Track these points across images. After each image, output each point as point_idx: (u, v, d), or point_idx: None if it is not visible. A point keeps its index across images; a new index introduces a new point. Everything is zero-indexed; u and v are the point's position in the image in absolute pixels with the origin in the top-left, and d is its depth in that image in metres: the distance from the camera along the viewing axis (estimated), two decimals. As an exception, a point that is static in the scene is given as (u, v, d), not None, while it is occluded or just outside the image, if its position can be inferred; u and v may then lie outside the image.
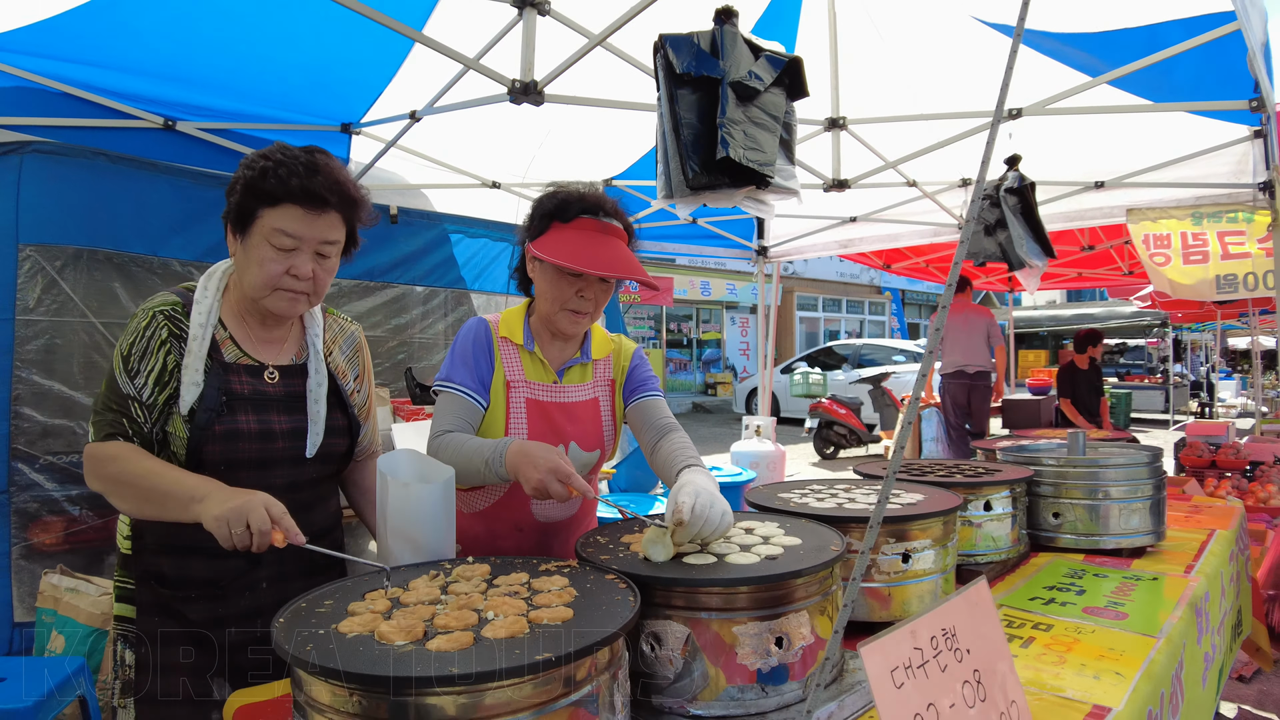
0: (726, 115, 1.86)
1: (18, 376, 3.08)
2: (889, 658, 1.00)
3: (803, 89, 2.11)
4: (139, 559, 1.66)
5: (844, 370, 16.28)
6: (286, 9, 2.70)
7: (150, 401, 1.60)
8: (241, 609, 1.63)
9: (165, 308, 1.63)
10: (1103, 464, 2.50)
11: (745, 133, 1.88)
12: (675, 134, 1.90)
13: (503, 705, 0.92)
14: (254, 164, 1.59)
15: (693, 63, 1.92)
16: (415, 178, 4.38)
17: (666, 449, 1.85)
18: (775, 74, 1.99)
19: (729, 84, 1.89)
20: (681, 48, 1.94)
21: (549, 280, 1.85)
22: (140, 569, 1.66)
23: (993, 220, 3.43)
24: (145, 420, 1.59)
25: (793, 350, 22.59)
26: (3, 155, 3.01)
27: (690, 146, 1.90)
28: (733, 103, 1.89)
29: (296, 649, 0.97)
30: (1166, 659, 1.68)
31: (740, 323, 22.99)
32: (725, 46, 1.93)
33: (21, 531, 3.11)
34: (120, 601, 1.70)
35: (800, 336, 23.95)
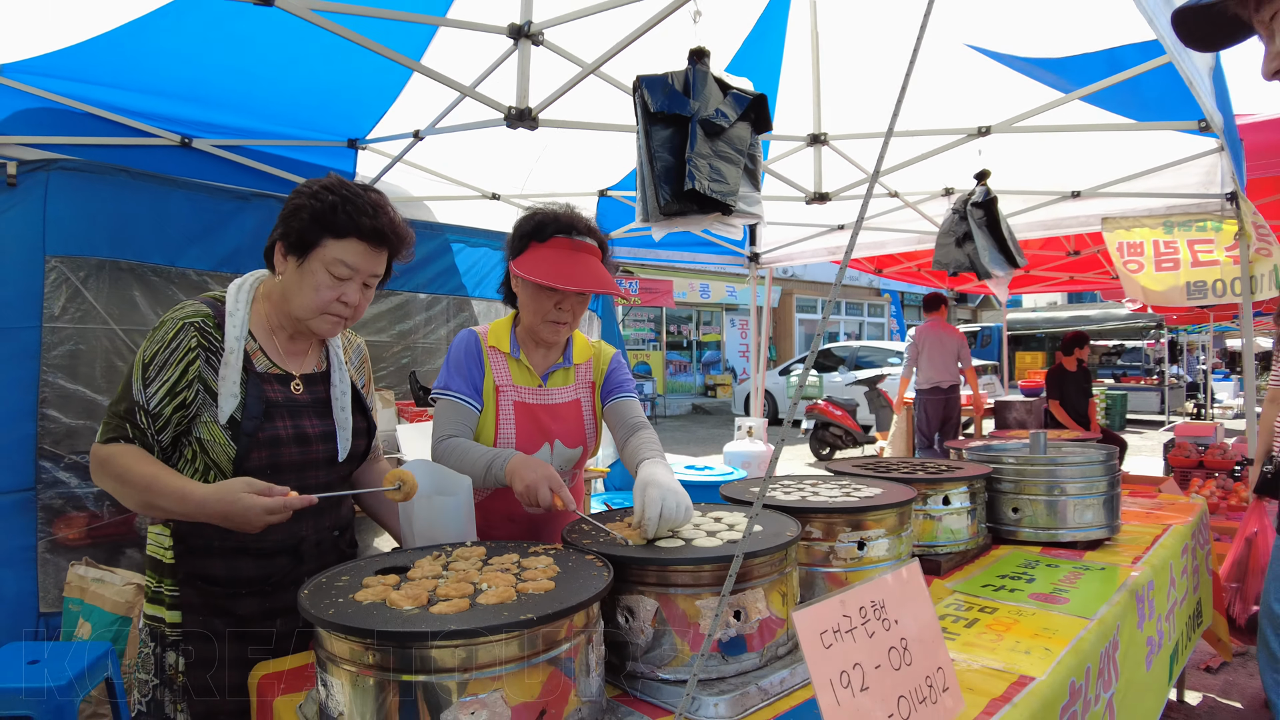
0: (694, 150, 2.06)
1: (44, 380, 3.27)
2: (819, 622, 1.18)
3: (767, 123, 2.31)
4: (184, 563, 1.70)
5: (840, 372, 16.44)
6: (295, 36, 2.87)
7: (156, 411, 1.65)
8: (288, 602, 1.70)
9: (196, 319, 1.68)
10: (1059, 462, 2.67)
11: (711, 165, 2.08)
12: (649, 166, 2.10)
13: (493, 659, 1.11)
14: (322, 196, 1.69)
15: (665, 101, 2.12)
16: (419, 190, 4.56)
17: (634, 444, 2.05)
18: (741, 110, 2.20)
19: (698, 121, 2.10)
20: (655, 88, 2.14)
21: (530, 295, 2.04)
22: (185, 572, 1.70)
23: (962, 233, 3.62)
24: (148, 428, 1.66)
25: (792, 352, 22.74)
26: (30, 172, 3.19)
27: (662, 177, 2.10)
28: (701, 138, 2.09)
29: (320, 612, 1.16)
30: (1096, 638, 1.84)
31: (740, 325, 23.13)
32: (697, 85, 2.13)
33: (47, 526, 3.29)
34: (164, 607, 1.72)
35: (799, 338, 24.10)
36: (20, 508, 3.23)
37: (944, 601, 2.07)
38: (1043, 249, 8.32)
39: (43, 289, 3.25)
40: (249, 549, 1.70)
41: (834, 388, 15.20)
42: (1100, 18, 3.10)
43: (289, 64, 3.18)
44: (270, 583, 1.74)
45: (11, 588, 3.21)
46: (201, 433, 1.68)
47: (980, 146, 3.86)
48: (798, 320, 24.20)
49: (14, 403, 3.21)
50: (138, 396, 1.65)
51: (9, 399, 3.20)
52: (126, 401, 1.66)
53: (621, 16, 2.51)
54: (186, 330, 1.67)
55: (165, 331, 1.67)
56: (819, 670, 1.13)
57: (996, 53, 3.54)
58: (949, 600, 2.08)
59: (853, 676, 1.18)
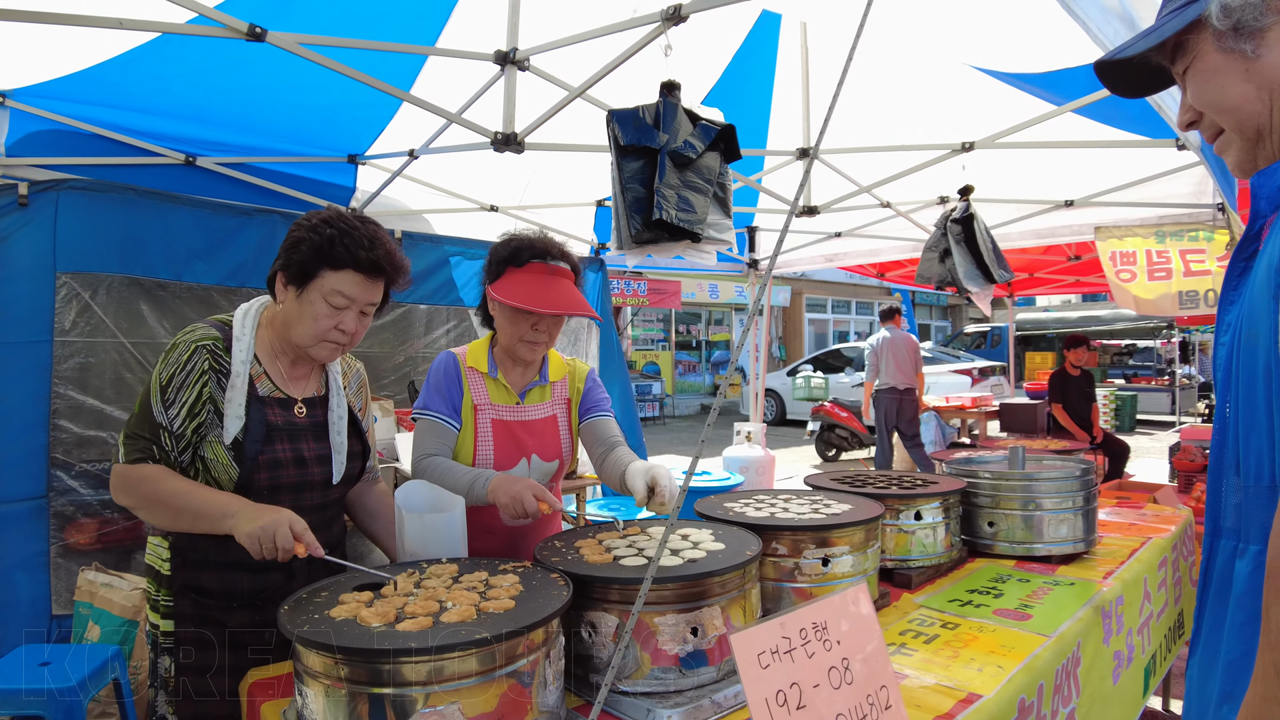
0: (663, 181, 2.15)
1: (56, 392, 3.40)
2: (756, 644, 1.26)
3: (735, 152, 2.39)
4: (180, 575, 1.80)
5: (847, 373, 16.42)
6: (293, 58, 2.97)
7: (180, 432, 1.75)
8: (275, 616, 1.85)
9: (207, 342, 1.78)
10: (1034, 478, 2.72)
11: (679, 195, 2.17)
12: (622, 196, 2.19)
13: (452, 674, 1.20)
14: (320, 230, 1.77)
15: (635, 135, 2.22)
16: (418, 204, 4.66)
17: (613, 458, 2.16)
18: (709, 141, 2.29)
19: (666, 152, 2.18)
20: (626, 122, 2.24)
21: (507, 317, 2.13)
22: (180, 584, 1.80)
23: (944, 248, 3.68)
24: (173, 449, 1.75)
25: (802, 351, 22.74)
26: (41, 192, 3.32)
27: (633, 207, 2.20)
28: (669, 169, 2.18)
29: (295, 628, 1.25)
30: (1053, 655, 1.89)
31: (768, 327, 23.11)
32: (666, 117, 2.22)
33: (59, 532, 3.42)
34: (162, 617, 1.83)
35: (809, 338, 24.08)
36: (33, 514, 3.36)
37: (909, 616, 2.13)
38: (1045, 254, 8.34)
39: (53, 304, 3.38)
40: (244, 564, 1.76)
41: (841, 389, 15.19)
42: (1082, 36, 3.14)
43: (288, 85, 3.28)
44: (261, 597, 1.83)
45: (26, 591, 3.34)
46: (206, 452, 1.77)
47: (966, 161, 3.92)
48: (807, 320, 24.19)
49: (27, 414, 3.34)
50: (159, 418, 1.74)
51: (22, 410, 3.33)
52: (149, 423, 1.74)
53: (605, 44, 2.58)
54: (199, 353, 1.76)
55: (180, 354, 1.76)
56: (754, 690, 1.21)
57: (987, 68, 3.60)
58: (915, 615, 2.14)
59: (789, 695, 1.26)
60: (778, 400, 17.37)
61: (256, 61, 3.05)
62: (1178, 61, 1.23)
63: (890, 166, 4.28)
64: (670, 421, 17.71)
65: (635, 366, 19.72)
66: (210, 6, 2.37)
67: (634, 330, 20.52)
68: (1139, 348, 21.40)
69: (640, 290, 18.75)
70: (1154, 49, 1.20)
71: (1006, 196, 4.87)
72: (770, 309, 22.29)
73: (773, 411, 17.33)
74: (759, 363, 7.92)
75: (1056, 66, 3.41)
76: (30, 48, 2.90)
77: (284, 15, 2.86)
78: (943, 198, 5.04)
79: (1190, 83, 1.21)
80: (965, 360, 15.45)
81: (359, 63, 2.74)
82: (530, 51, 2.67)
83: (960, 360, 15.44)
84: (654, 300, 19.23)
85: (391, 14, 3.06)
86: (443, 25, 3.15)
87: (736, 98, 4.10)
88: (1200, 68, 1.18)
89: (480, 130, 2.82)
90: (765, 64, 3.98)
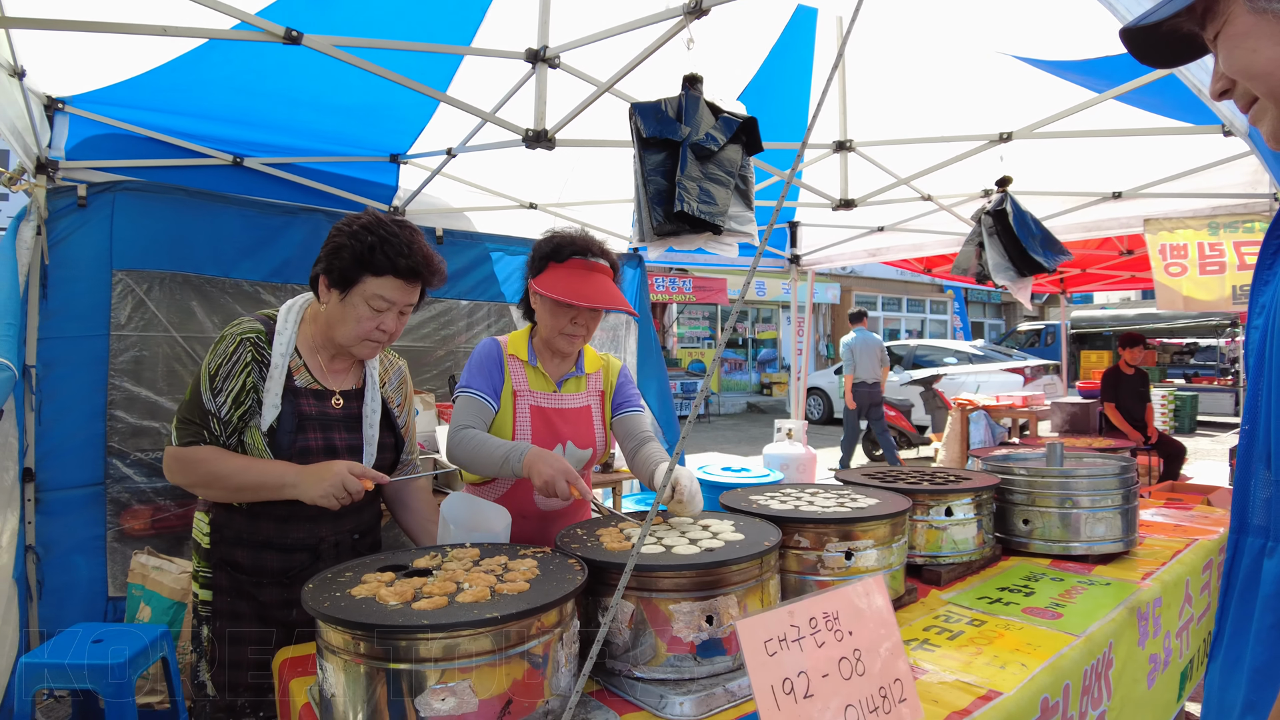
0: (684, 173, 2.16)
1: (112, 384, 3.56)
2: (763, 631, 1.27)
3: (758, 144, 2.39)
4: (217, 550, 1.93)
5: (896, 371, 16.15)
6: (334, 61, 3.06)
7: (226, 418, 1.87)
8: None
9: (251, 335, 1.90)
10: (1071, 474, 2.66)
11: (700, 187, 2.18)
12: (644, 189, 2.21)
13: (464, 652, 1.23)
14: (361, 237, 1.86)
15: (657, 127, 2.23)
16: (458, 202, 4.74)
17: (644, 454, 2.23)
18: (730, 134, 2.29)
19: (688, 145, 2.20)
20: (648, 115, 2.26)
21: (548, 310, 2.20)
22: (218, 558, 1.93)
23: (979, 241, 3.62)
24: (221, 433, 1.87)
25: (850, 349, 22.44)
26: (98, 194, 3.48)
27: (655, 200, 2.21)
28: (691, 161, 2.19)
29: (317, 604, 1.30)
30: (1081, 655, 1.86)
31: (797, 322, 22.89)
32: (689, 110, 2.24)
33: (115, 517, 3.59)
34: (200, 587, 1.96)
35: (858, 335, 23.74)
36: (91, 500, 3.52)
37: (936, 612, 2.11)
38: (1098, 248, 8.10)
39: (110, 300, 3.54)
40: (273, 544, 1.92)
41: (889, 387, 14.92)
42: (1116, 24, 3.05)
43: (330, 88, 3.38)
44: (289, 575, 1.93)
45: (84, 573, 3.50)
46: (247, 437, 1.89)
47: (1005, 151, 3.84)
48: (857, 318, 23.84)
49: (86, 404, 3.51)
50: (209, 405, 1.86)
51: (82, 401, 3.49)
52: (199, 409, 1.87)
53: (633, 40, 2.61)
54: (244, 345, 1.88)
55: (226, 346, 1.88)
56: (759, 677, 1.22)
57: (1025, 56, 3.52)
58: (941, 611, 2.12)
59: (796, 684, 1.26)
60: (824, 399, 17.16)
61: (299, 65, 3.15)
62: (1208, 26, 1.15)
63: (928, 158, 4.22)
64: (714, 420, 17.64)
65: (680, 364, 19.66)
66: (251, 13, 2.46)
67: (679, 328, 20.49)
68: (1200, 346, 20.64)
69: (685, 287, 18.72)
70: (1183, 13, 1.13)
71: (1050, 189, 4.76)
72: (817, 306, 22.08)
73: (819, 410, 17.13)
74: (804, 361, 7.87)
75: (1097, 54, 3.33)
76: (87, 56, 3.04)
77: (322, 19, 2.95)
78: (986, 190, 4.94)
79: (1222, 48, 1.14)
80: (1018, 359, 15.09)
81: (397, 64, 2.81)
82: (560, 49, 2.71)
83: (1012, 359, 15.09)
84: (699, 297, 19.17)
85: (428, 15, 3.13)
86: (478, 25, 3.21)
87: (773, 93, 4.09)
88: (1231, 31, 1.10)
89: (513, 128, 2.87)
90: (802, 59, 3.95)
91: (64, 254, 3.42)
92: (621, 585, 1.18)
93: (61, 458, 3.43)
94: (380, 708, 1.23)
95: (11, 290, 2.71)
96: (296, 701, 1.56)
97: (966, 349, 16.13)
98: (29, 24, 2.42)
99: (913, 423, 12.14)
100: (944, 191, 4.84)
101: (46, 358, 3.38)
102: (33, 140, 3.18)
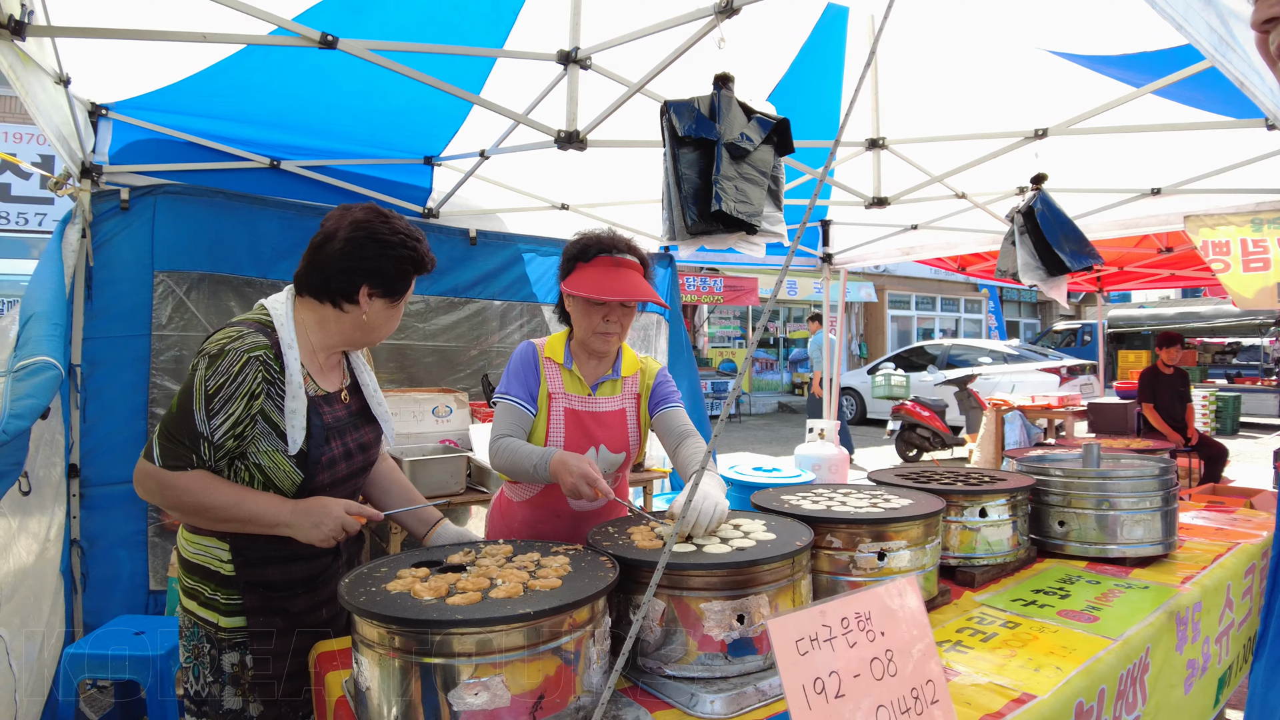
0: (720, 173, 2.17)
1: (153, 382, 3.65)
2: (795, 630, 1.26)
3: (789, 145, 2.38)
4: (244, 573, 1.80)
5: (930, 371, 15.92)
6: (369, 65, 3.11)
7: (220, 443, 1.69)
8: (331, 594, 1.92)
9: (258, 353, 1.71)
10: (1108, 475, 2.61)
11: (736, 187, 2.18)
12: (677, 187, 2.22)
13: (498, 647, 1.25)
14: (410, 245, 1.83)
15: (692, 126, 2.24)
16: (491, 203, 4.78)
17: (685, 452, 2.26)
18: (764, 134, 2.29)
19: (723, 145, 2.20)
20: (682, 112, 2.26)
21: (580, 310, 2.22)
22: (245, 581, 1.80)
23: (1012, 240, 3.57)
24: (210, 458, 1.70)
25: (884, 349, 22.21)
26: (140, 197, 3.57)
27: (690, 199, 2.22)
28: (726, 161, 2.19)
29: (354, 599, 1.33)
30: (1117, 659, 1.83)
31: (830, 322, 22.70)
32: (721, 109, 2.24)
33: (156, 514, 3.68)
34: (227, 616, 1.80)
35: (893, 335, 23.49)
36: (133, 496, 3.49)
37: (969, 614, 2.09)
38: (1136, 246, 7.95)
39: (151, 301, 3.64)
40: (300, 555, 1.86)
41: (923, 388, 14.73)
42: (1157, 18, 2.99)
43: (365, 91, 3.43)
44: (317, 581, 1.91)
45: (126, 567, 3.59)
46: (262, 460, 1.76)
47: (1040, 148, 3.78)
48: (890, 317, 23.61)
49: (128, 402, 3.60)
50: (201, 427, 1.67)
51: (124, 399, 3.59)
52: (189, 431, 1.67)
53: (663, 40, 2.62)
54: (251, 365, 1.69)
55: (229, 364, 1.67)
56: (790, 676, 1.22)
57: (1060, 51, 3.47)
58: (975, 613, 2.10)
59: (827, 684, 1.26)
60: (857, 399, 17.00)
61: (335, 70, 3.20)
62: None
63: (962, 156, 4.17)
64: (745, 420, 17.57)
65: (711, 364, 19.59)
66: (288, 19, 2.51)
67: (710, 328, 20.43)
68: (1243, 346, 20.12)
69: (716, 287, 18.63)
70: None
71: (1087, 185, 4.67)
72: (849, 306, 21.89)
73: (852, 410, 16.98)
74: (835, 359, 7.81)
75: (1136, 49, 3.26)
76: (128, 63, 3.12)
77: (357, 24, 2.99)
78: (1021, 188, 4.87)
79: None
80: (1053, 359, 14.83)
81: (431, 68, 2.85)
82: (591, 50, 2.73)
83: (1048, 358, 14.83)
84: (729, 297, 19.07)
85: (461, 19, 3.16)
86: (510, 27, 3.24)
87: (804, 91, 4.07)
88: None
89: (545, 129, 2.90)
90: (833, 57, 3.93)
91: (107, 256, 3.52)
92: (653, 584, 1.19)
93: (105, 454, 3.52)
94: (414, 701, 1.25)
95: (58, 291, 2.79)
96: (332, 695, 1.59)
97: (1001, 348, 15.90)
98: (75, 33, 2.50)
99: (947, 423, 11.94)
100: (978, 189, 4.78)
101: (91, 357, 3.47)
102: (78, 146, 3.27)
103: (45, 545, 2.89)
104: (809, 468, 6.25)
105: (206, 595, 1.82)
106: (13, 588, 2.46)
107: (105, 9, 2.67)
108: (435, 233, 4.59)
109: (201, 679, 1.83)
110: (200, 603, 1.83)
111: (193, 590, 1.84)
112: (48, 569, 2.92)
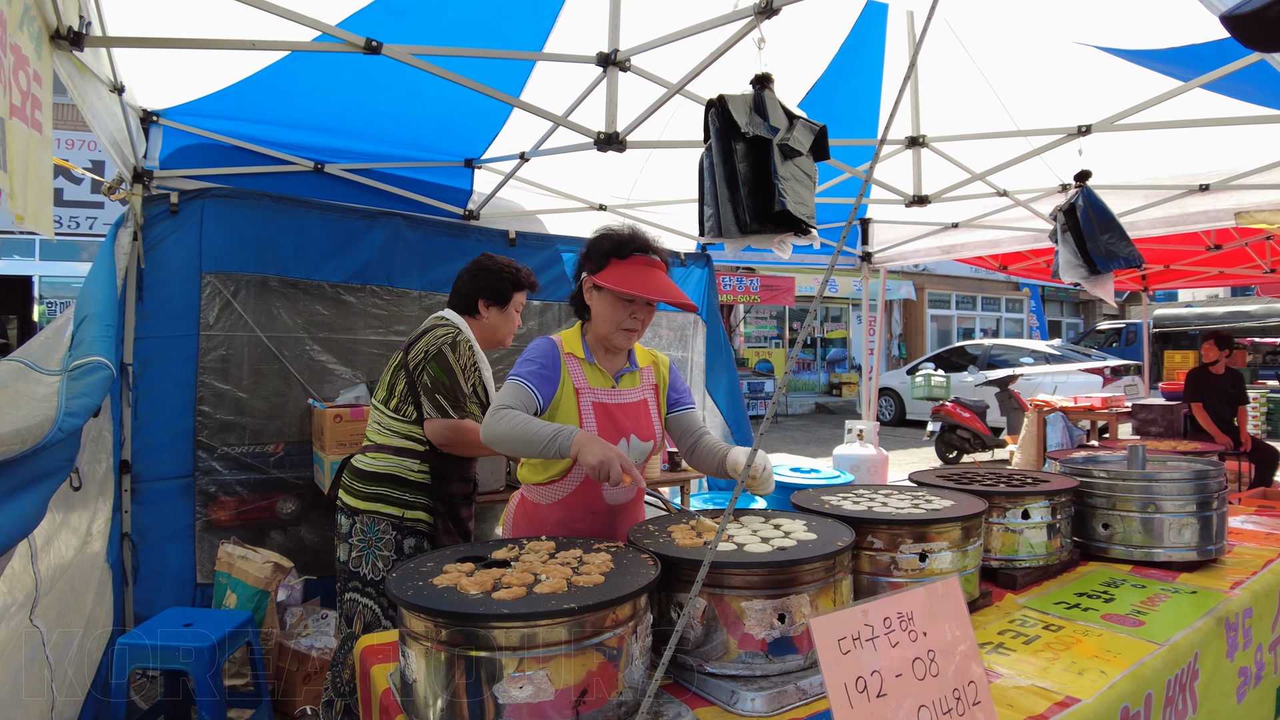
0: (778, 173, 2.17)
1: (201, 382, 3.75)
2: (837, 629, 1.27)
3: (825, 152, 2.38)
4: (436, 485, 2.70)
5: (970, 371, 15.66)
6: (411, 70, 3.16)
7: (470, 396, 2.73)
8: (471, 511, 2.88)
9: (469, 340, 2.79)
10: (1154, 478, 2.56)
11: (794, 189, 2.19)
12: (728, 184, 2.22)
13: (541, 641, 1.27)
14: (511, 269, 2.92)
15: (749, 124, 2.24)
16: (530, 205, 4.82)
17: (703, 447, 2.35)
18: (813, 138, 2.28)
19: (777, 145, 2.20)
20: (739, 108, 2.27)
21: (608, 305, 2.22)
22: (437, 490, 2.70)
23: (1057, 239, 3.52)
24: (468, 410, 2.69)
25: (923, 349, 21.90)
26: (189, 201, 3.66)
27: (746, 197, 2.22)
28: (780, 161, 2.20)
29: (401, 593, 1.36)
30: (1164, 664, 1.80)
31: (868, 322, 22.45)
32: (768, 109, 2.24)
33: (203, 508, 3.77)
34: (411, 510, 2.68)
35: (932, 335, 23.16)
36: (181, 492, 3.71)
37: (1011, 616, 2.07)
38: (1182, 243, 7.75)
39: (199, 302, 3.73)
40: (467, 477, 2.83)
41: (963, 388, 14.49)
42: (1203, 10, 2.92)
43: (407, 95, 3.48)
44: (470, 496, 2.86)
45: (174, 560, 3.69)
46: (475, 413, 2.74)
47: (1084, 145, 3.71)
48: (930, 316, 23.27)
49: (177, 400, 3.70)
50: (466, 390, 2.71)
51: (173, 398, 3.68)
52: (463, 394, 2.68)
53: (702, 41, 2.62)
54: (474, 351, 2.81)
55: (463, 350, 2.73)
56: (832, 674, 1.22)
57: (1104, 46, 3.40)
58: (1017, 615, 2.08)
59: (869, 683, 1.26)
60: (896, 400, 16.78)
61: (376, 74, 3.26)
62: None
63: (1003, 153, 4.12)
64: (782, 421, 17.45)
65: (748, 364, 19.46)
66: (332, 25, 2.56)
67: (746, 327, 20.33)
68: (1296, 347, 19.48)
69: (752, 287, 18.51)
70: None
71: (1132, 182, 4.58)
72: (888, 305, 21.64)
73: (891, 411, 16.77)
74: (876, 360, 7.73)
75: (1183, 42, 3.19)
76: (178, 71, 3.21)
77: (400, 29, 3.04)
78: (1064, 185, 4.79)
79: None
80: (1096, 359, 14.51)
81: (472, 71, 2.89)
82: (631, 52, 2.74)
83: (1091, 359, 14.51)
84: (765, 297, 18.92)
85: (502, 22, 3.20)
86: (549, 30, 3.27)
87: (844, 89, 4.05)
88: None
89: (584, 131, 2.92)
90: (873, 55, 3.91)
91: (158, 258, 3.61)
92: (698, 582, 1.20)
93: (155, 451, 3.63)
94: (459, 694, 1.27)
95: (110, 293, 2.87)
96: (378, 687, 1.62)
97: (1043, 348, 15.59)
98: (130, 43, 2.57)
99: (987, 424, 11.73)
100: (1020, 187, 4.71)
101: (142, 356, 3.57)
102: (130, 151, 3.36)
103: (87, 540, 2.97)
104: (848, 469, 6.19)
105: (394, 496, 2.67)
106: (51, 581, 2.53)
107: (157, 19, 2.75)
108: (475, 235, 4.64)
109: (374, 564, 2.63)
110: (385, 502, 2.66)
111: (375, 495, 2.67)
112: (89, 563, 3.00)
